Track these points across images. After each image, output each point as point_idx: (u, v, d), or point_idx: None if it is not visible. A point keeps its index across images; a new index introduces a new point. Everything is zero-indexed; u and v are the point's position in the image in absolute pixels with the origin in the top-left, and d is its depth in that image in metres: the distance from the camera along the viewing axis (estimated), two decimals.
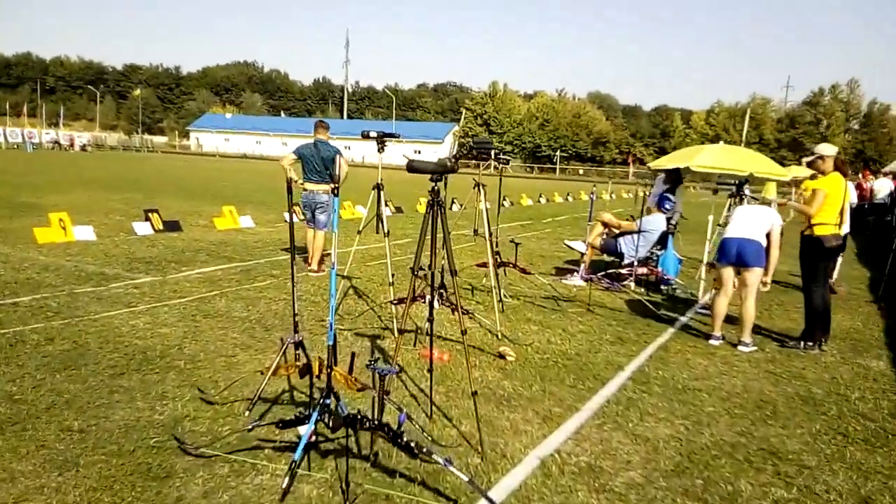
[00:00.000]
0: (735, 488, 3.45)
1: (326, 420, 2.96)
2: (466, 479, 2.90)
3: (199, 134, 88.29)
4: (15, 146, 51.84)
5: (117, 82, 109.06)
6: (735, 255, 5.97)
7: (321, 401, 2.97)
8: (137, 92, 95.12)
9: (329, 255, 9.62)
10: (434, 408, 4.14)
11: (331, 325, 2.95)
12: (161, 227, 11.57)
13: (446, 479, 3.26)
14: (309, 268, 8.41)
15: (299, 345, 3.75)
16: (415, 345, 5.46)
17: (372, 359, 3.02)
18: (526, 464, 3.51)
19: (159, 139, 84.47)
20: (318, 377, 3.48)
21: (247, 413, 3.70)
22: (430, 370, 3.93)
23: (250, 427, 3.11)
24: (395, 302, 5.44)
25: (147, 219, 11.57)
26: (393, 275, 5.85)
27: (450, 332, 6.01)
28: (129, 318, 5.94)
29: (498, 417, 4.11)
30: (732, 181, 7.96)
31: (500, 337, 5.78)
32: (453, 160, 3.55)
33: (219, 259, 9.18)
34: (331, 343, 2.94)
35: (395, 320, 5.85)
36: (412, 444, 2.83)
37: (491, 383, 4.73)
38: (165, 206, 15.05)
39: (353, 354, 3.31)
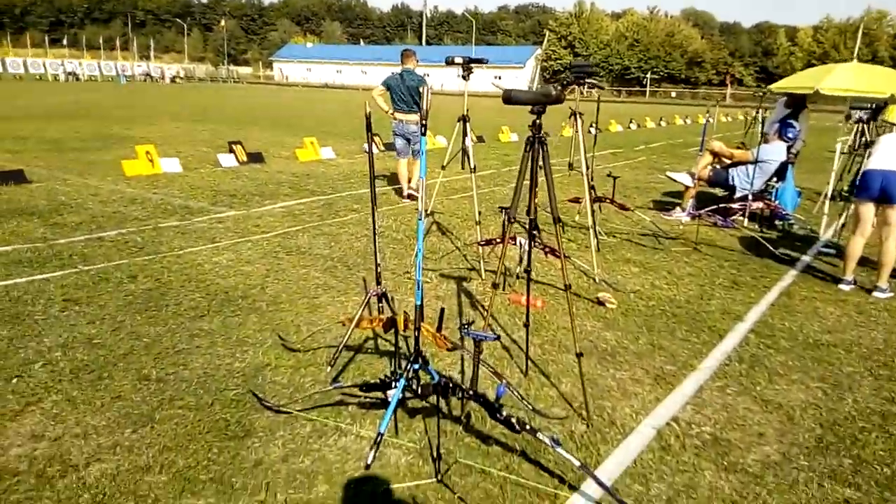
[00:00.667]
0: (893, 472, 2.90)
1: (415, 386, 2.60)
2: (578, 463, 2.49)
3: (281, 64, 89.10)
4: (109, 79, 53.87)
5: (203, 14, 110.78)
6: (879, 190, 5.14)
7: (408, 366, 2.61)
8: (223, 23, 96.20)
9: (416, 189, 9.35)
10: (529, 362, 3.74)
11: (418, 284, 2.55)
12: (245, 158, 11.51)
13: (549, 450, 2.88)
14: (408, 190, 8.37)
15: (383, 297, 3.40)
16: (504, 288, 5.04)
17: (466, 321, 2.61)
18: (639, 434, 3.07)
19: (244, 70, 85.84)
20: (405, 331, 3.13)
21: (328, 368, 3.42)
22: (527, 325, 3.51)
23: (332, 387, 2.81)
24: (482, 243, 5.01)
25: (231, 151, 11.51)
26: (479, 212, 5.40)
27: (541, 272, 5.54)
28: (211, 255, 5.80)
29: (602, 376, 3.67)
30: (868, 105, 6.93)
31: (597, 280, 5.27)
32: (559, 88, 2.99)
33: (301, 192, 8.99)
34: (419, 303, 2.54)
35: (481, 261, 5.43)
36: (513, 420, 2.44)
37: (591, 334, 4.27)
38: (250, 137, 15.04)
39: (441, 310, 2.92)
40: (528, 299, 3.51)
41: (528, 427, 2.44)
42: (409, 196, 8.65)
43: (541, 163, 3.08)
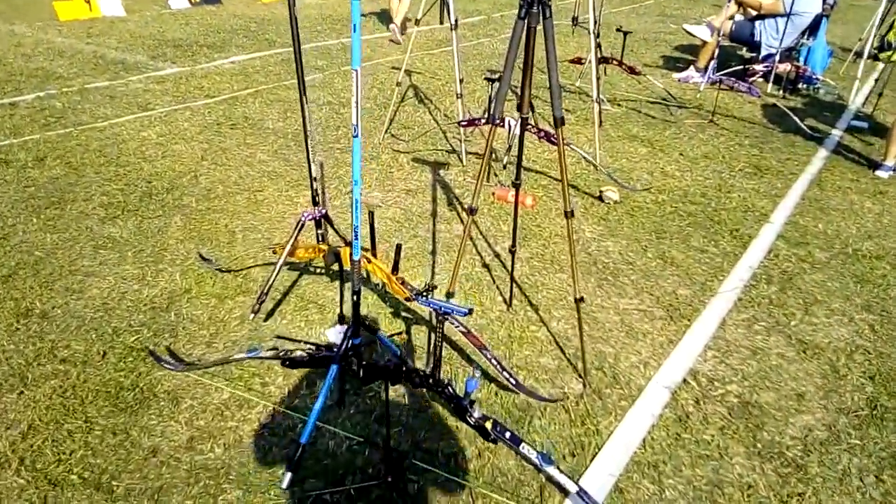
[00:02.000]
0: None
1: (355, 366, 1.88)
2: (575, 487, 1.84)
3: None
4: None
5: None
6: None
7: (345, 341, 1.87)
8: None
9: (410, 20, 8.29)
10: (514, 286, 3.03)
11: (355, 232, 1.71)
12: None
13: (536, 424, 2.24)
14: (394, 28, 7.80)
15: (323, 219, 2.58)
16: (488, 179, 4.21)
17: (427, 284, 1.84)
18: (649, 398, 2.42)
19: None
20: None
21: (251, 315, 2.68)
22: (513, 251, 2.73)
23: (247, 356, 2.09)
24: (463, 124, 4.10)
25: None
26: (461, 81, 4.42)
27: (532, 157, 4.68)
28: (140, 128, 4.86)
29: (602, 307, 2.97)
30: None
31: (597, 168, 4.43)
32: None
33: (259, 42, 7.77)
34: (356, 257, 1.73)
35: (462, 142, 4.54)
36: (486, 425, 1.75)
37: (589, 244, 3.52)
38: None
39: (398, 247, 2.14)
40: (516, 212, 2.70)
41: (508, 435, 1.75)
42: (392, 38, 7.91)
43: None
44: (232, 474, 2.01)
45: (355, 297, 1.77)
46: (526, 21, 2.05)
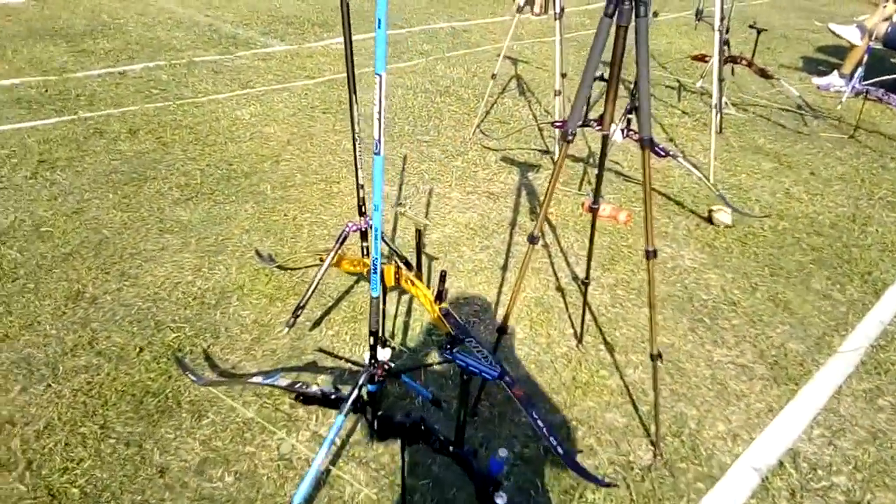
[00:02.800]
0: None
1: (369, 416, 1.62)
2: None
3: None
4: None
5: None
6: None
7: (357, 386, 1.60)
8: None
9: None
10: (589, 318, 2.67)
11: (374, 265, 1.43)
12: None
13: (582, 503, 1.91)
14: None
15: (371, 231, 2.33)
16: (580, 187, 3.82)
17: (454, 332, 1.54)
18: (732, 481, 2.02)
19: None
20: (396, 285, 2.11)
21: (286, 329, 2.48)
22: (586, 283, 2.37)
23: (262, 382, 1.88)
24: (557, 124, 3.73)
25: None
26: (564, 75, 4.04)
27: (634, 164, 4.23)
28: (236, 106, 4.83)
29: (691, 356, 2.55)
30: None
31: (711, 184, 3.92)
32: None
33: (368, 23, 7.63)
34: (375, 294, 1.44)
35: (556, 142, 4.17)
36: None
37: (688, 274, 3.08)
38: None
39: (442, 274, 1.85)
40: (592, 239, 2.34)
41: None
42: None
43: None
44: None
45: (371, 340, 1.50)
46: (613, 18, 1.69)
